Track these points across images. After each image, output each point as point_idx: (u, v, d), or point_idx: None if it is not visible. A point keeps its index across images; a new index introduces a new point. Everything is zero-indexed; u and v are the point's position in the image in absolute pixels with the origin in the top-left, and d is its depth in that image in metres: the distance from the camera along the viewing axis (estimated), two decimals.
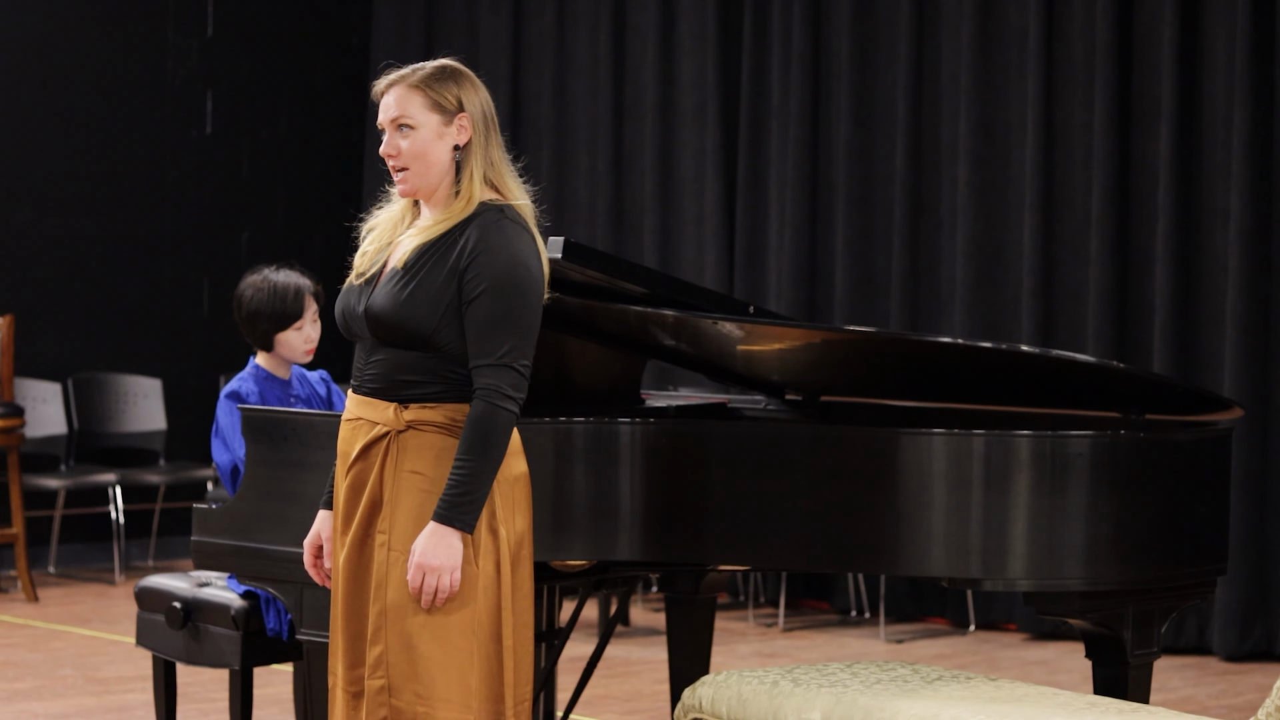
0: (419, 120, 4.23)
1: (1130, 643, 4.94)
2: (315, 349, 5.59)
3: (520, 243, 4.20)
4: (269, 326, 5.50)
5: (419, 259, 4.21)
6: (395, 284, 4.22)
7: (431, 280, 4.18)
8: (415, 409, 4.21)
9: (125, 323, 10.73)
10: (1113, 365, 5.20)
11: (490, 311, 4.15)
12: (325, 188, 11.45)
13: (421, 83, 4.24)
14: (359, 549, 4.25)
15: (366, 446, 4.25)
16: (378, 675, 4.19)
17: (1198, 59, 8.52)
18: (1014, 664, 8.26)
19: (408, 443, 4.21)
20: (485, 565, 4.17)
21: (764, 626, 9.10)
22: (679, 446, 4.90)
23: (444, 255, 4.19)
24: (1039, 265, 8.84)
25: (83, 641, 8.49)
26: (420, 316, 4.18)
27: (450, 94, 4.23)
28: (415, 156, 4.24)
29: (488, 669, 4.18)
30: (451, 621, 4.16)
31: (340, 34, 11.51)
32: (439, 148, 4.23)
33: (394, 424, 4.22)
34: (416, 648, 4.16)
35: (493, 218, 4.20)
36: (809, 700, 4.64)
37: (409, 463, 4.21)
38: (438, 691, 4.16)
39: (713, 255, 9.94)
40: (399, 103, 4.24)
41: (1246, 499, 8.31)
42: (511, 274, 4.17)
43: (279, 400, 5.50)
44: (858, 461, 4.81)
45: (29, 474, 9.95)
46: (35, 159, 10.41)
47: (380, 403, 4.25)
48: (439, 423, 4.20)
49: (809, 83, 9.62)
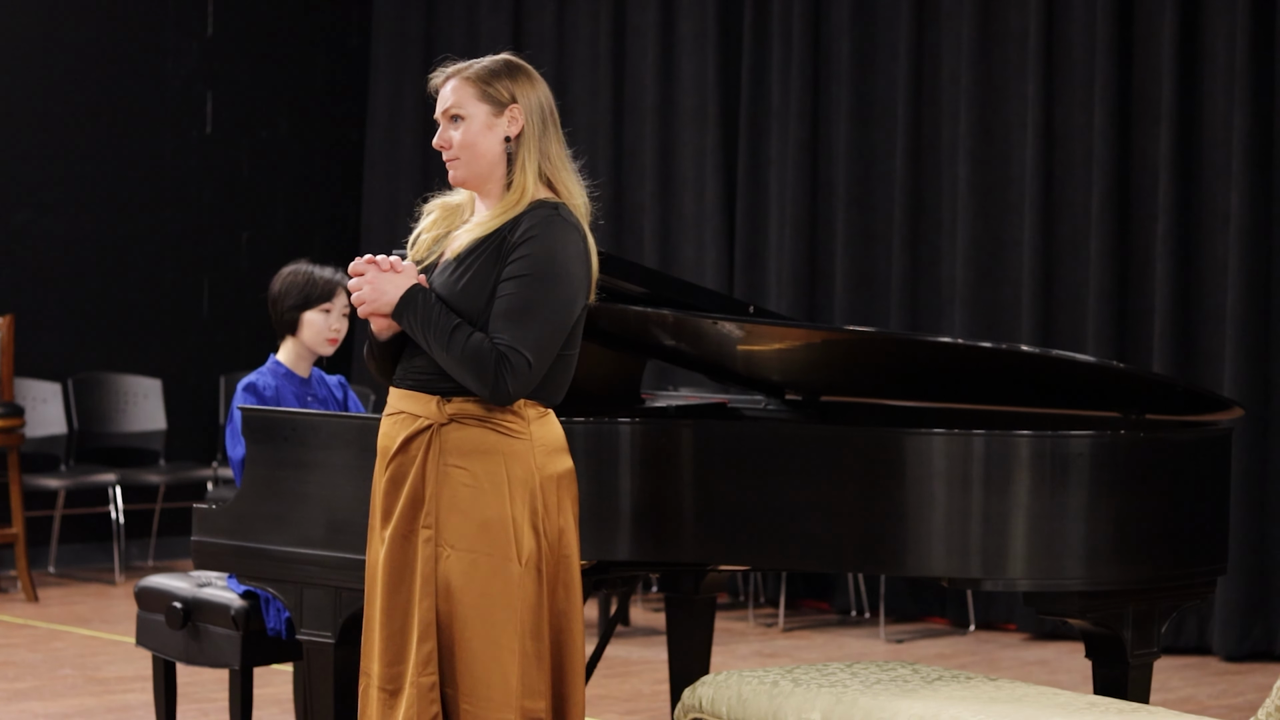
0: (469, 111, 4.27)
1: (1130, 643, 4.95)
2: (339, 342, 5.60)
3: (567, 240, 4.22)
4: (297, 302, 5.52)
5: (471, 253, 4.24)
6: (449, 276, 4.25)
7: (482, 275, 4.21)
8: (458, 402, 4.23)
9: (125, 323, 10.73)
10: (1113, 365, 5.20)
11: (518, 298, 4.17)
12: (325, 188, 11.45)
13: (476, 76, 4.29)
14: (401, 544, 4.25)
15: (407, 440, 4.26)
16: (428, 672, 4.19)
17: (1198, 59, 8.52)
18: (1014, 664, 8.26)
19: (449, 436, 4.22)
20: (526, 564, 4.20)
21: (764, 626, 9.10)
22: (679, 447, 4.90)
23: (494, 250, 4.22)
24: (1039, 265, 8.84)
25: (83, 641, 8.49)
26: (470, 311, 4.21)
27: (503, 86, 4.27)
28: (465, 146, 4.27)
29: (525, 666, 4.20)
30: (495, 620, 4.18)
31: (340, 34, 11.51)
32: (489, 138, 4.27)
33: (436, 417, 4.23)
34: (462, 645, 4.18)
35: (546, 213, 4.22)
36: (809, 700, 4.64)
37: (451, 457, 4.22)
38: (480, 690, 4.18)
39: (713, 255, 9.94)
40: (453, 94, 4.29)
41: (1246, 499, 8.31)
42: (548, 267, 4.19)
43: (295, 397, 5.51)
44: (858, 462, 4.81)
45: (29, 474, 9.95)
46: (35, 159, 10.41)
47: (423, 396, 4.26)
48: (480, 416, 4.22)
49: (809, 83, 9.62)
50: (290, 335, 5.58)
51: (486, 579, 4.19)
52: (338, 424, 4.93)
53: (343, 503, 4.84)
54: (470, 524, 4.20)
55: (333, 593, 4.88)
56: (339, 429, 4.91)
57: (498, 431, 4.22)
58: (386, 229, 11.24)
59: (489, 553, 4.19)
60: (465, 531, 4.20)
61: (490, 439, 4.21)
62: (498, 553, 4.19)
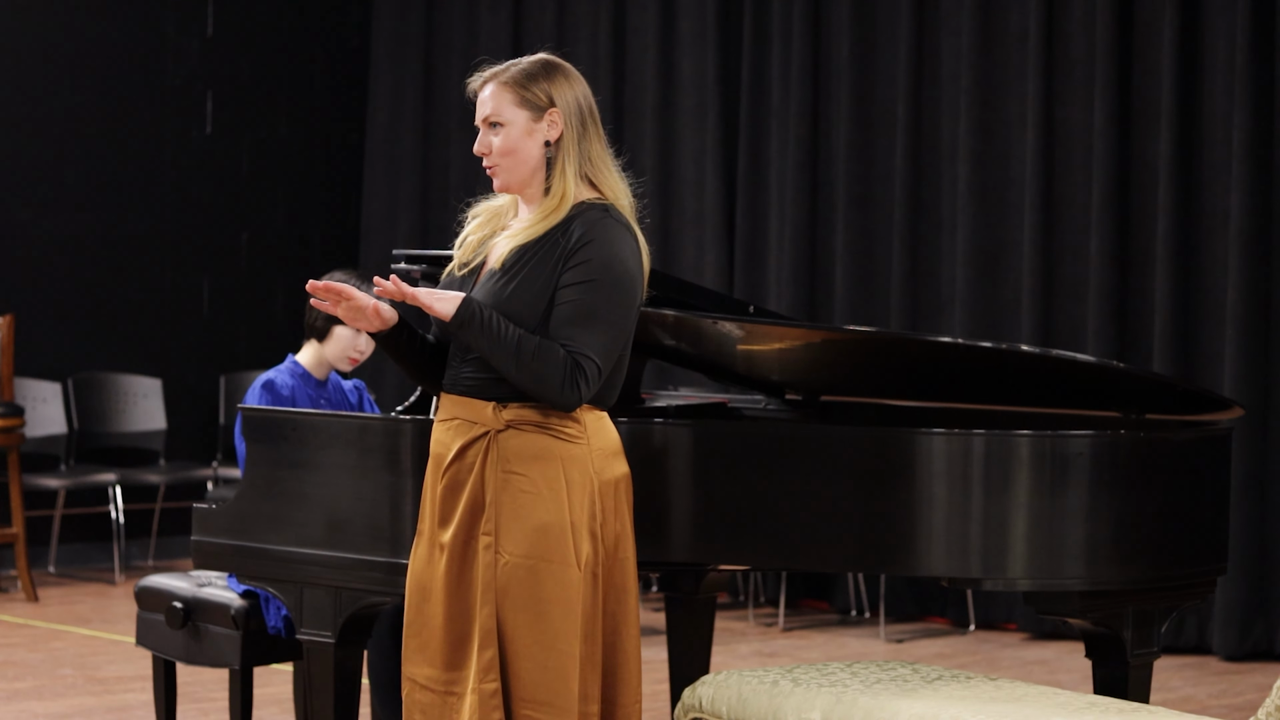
0: (508, 117, 4.25)
1: (1130, 642, 4.95)
2: (360, 363, 5.62)
3: (622, 241, 4.23)
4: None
5: (518, 260, 4.21)
6: (495, 283, 4.22)
7: (532, 281, 4.18)
8: (514, 408, 4.21)
9: (125, 323, 10.73)
10: (1113, 365, 5.20)
11: (582, 304, 4.16)
12: (325, 188, 11.45)
13: (512, 80, 4.26)
14: (461, 552, 4.24)
15: (464, 447, 4.24)
16: (489, 679, 4.18)
17: (1198, 59, 8.52)
18: (1014, 664, 8.26)
19: (508, 443, 4.21)
20: (585, 569, 4.20)
21: (764, 626, 9.10)
22: (678, 446, 4.90)
23: (545, 256, 4.20)
24: (1039, 265, 8.84)
25: (83, 641, 8.49)
26: (521, 317, 4.17)
27: (541, 90, 4.24)
28: (505, 153, 4.25)
29: (582, 671, 4.20)
30: (554, 625, 4.18)
31: (340, 34, 11.51)
32: (529, 144, 4.25)
33: (493, 423, 4.21)
34: (522, 651, 4.17)
35: (597, 215, 4.22)
36: (809, 700, 4.64)
37: (510, 463, 4.20)
38: (540, 695, 4.18)
39: (713, 255, 9.94)
40: (491, 100, 4.27)
41: (1246, 499, 8.31)
42: (609, 271, 4.19)
43: (310, 398, 5.52)
44: (858, 461, 4.81)
45: (29, 474, 9.95)
46: (35, 159, 10.41)
47: (477, 402, 4.24)
48: (538, 421, 4.20)
49: (809, 83, 9.62)
50: (316, 341, 5.59)
51: (545, 585, 4.18)
52: (338, 424, 4.94)
53: (343, 503, 4.84)
54: (529, 530, 4.18)
55: (333, 592, 4.88)
56: (339, 429, 4.91)
57: (556, 437, 4.20)
58: (387, 229, 11.24)
59: (548, 558, 4.18)
60: (524, 537, 4.18)
61: (549, 444, 4.20)
62: (556, 558, 4.18)
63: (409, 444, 4.72)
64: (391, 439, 4.78)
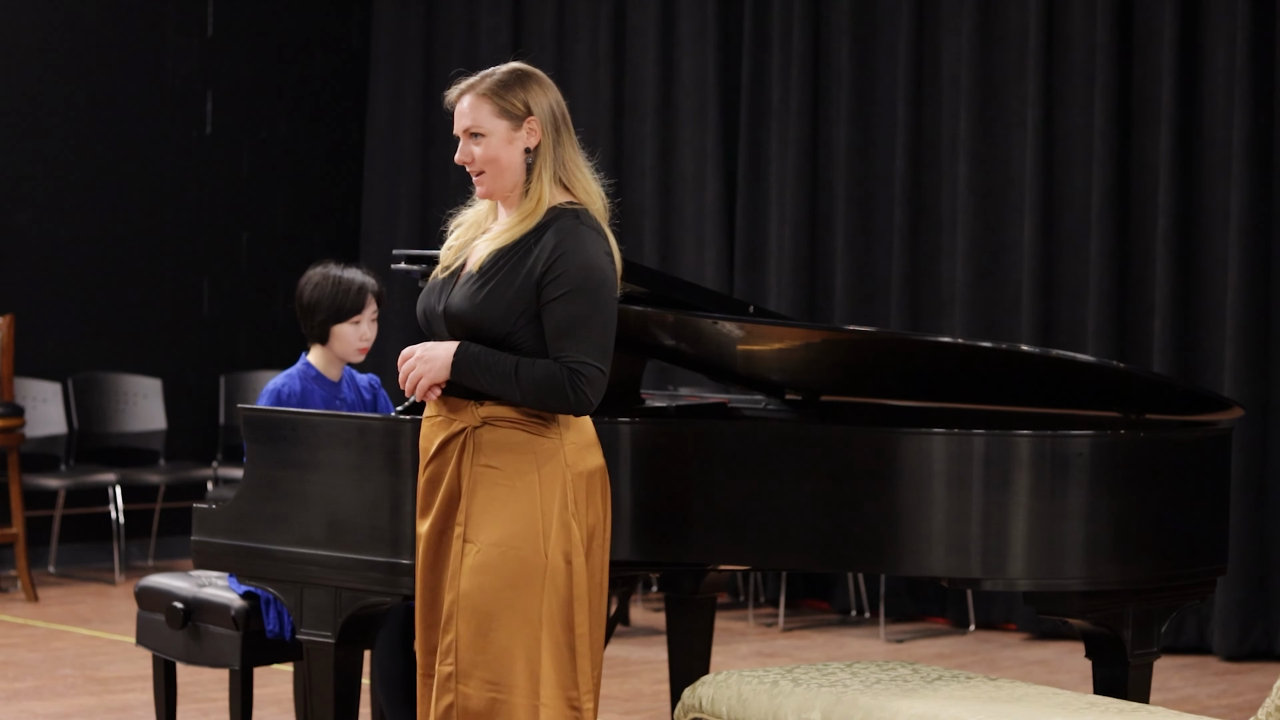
0: (488, 127, 4.41)
1: (1130, 642, 4.95)
2: (369, 350, 5.60)
3: (595, 246, 4.35)
4: (327, 317, 5.51)
5: (495, 263, 4.36)
6: (472, 286, 4.37)
7: (508, 284, 4.33)
8: (491, 405, 4.36)
9: (125, 323, 10.73)
10: (1113, 365, 5.20)
11: (568, 314, 4.29)
12: (325, 188, 11.45)
13: (489, 90, 4.41)
14: (436, 540, 4.41)
15: (444, 442, 4.40)
16: (447, 662, 4.34)
17: (1198, 59, 8.52)
18: (1014, 664, 8.26)
19: (483, 438, 4.36)
20: (555, 557, 4.31)
21: (764, 626, 9.10)
22: (678, 446, 4.90)
23: (520, 260, 4.34)
24: (1039, 265, 8.84)
25: (83, 641, 8.49)
26: (496, 318, 4.33)
27: (517, 99, 4.39)
28: (488, 162, 4.41)
29: (558, 657, 4.32)
30: (521, 611, 4.30)
31: (340, 34, 11.51)
32: (510, 152, 4.41)
33: (470, 420, 4.37)
34: (487, 635, 4.30)
35: (569, 223, 4.35)
36: (809, 700, 4.65)
37: (484, 457, 4.35)
38: (505, 678, 4.30)
39: (713, 255, 9.94)
40: (471, 111, 4.43)
41: (1246, 499, 8.31)
42: (588, 278, 4.31)
43: (324, 400, 5.51)
44: (858, 461, 4.81)
45: (29, 474, 9.95)
46: (35, 159, 10.41)
47: (458, 400, 4.39)
48: (513, 419, 4.34)
49: (809, 83, 9.62)
50: (320, 344, 5.57)
51: (515, 573, 4.30)
52: (338, 424, 4.93)
53: (343, 503, 4.84)
54: (499, 520, 4.32)
55: (333, 593, 4.88)
56: (339, 429, 4.91)
57: (529, 431, 4.34)
58: (387, 229, 11.24)
59: (517, 547, 4.30)
60: (494, 527, 4.32)
61: (523, 438, 4.34)
62: (526, 547, 4.30)
63: (409, 444, 4.72)
64: (391, 439, 4.78)
